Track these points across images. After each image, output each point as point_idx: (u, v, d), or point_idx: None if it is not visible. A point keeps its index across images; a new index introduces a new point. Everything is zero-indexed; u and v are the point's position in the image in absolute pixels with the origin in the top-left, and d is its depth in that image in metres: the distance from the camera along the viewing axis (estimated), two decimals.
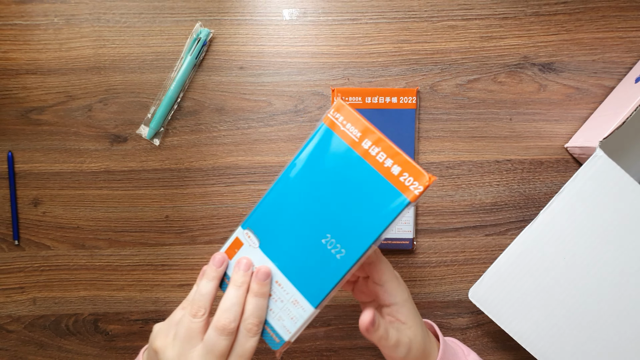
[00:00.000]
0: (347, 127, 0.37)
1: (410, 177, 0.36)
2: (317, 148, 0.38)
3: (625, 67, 0.58)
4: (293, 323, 0.38)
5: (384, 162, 0.36)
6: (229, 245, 0.40)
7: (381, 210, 0.36)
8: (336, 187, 0.37)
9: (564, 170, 0.59)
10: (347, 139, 0.37)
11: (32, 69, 0.58)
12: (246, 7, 0.58)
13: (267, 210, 0.39)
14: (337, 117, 0.38)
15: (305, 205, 0.38)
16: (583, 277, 0.51)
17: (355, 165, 0.37)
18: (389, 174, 0.36)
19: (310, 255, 0.38)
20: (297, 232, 0.38)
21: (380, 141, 0.37)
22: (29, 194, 0.59)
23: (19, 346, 0.59)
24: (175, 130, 0.58)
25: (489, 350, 0.59)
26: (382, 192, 0.36)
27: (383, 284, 0.40)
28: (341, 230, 0.37)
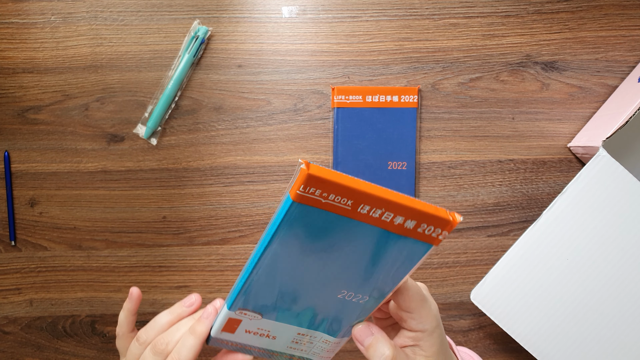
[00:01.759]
0: (331, 198, 0.28)
1: (430, 226, 0.29)
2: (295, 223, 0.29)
3: (629, 65, 0.57)
4: (329, 353, 0.37)
5: (393, 220, 0.29)
6: (224, 325, 0.35)
7: (400, 260, 0.31)
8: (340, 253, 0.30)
9: (566, 170, 0.58)
10: (337, 210, 0.29)
11: (29, 68, 0.57)
12: (245, 4, 0.57)
13: (257, 288, 0.33)
14: (311, 192, 0.27)
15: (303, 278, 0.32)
16: (586, 278, 0.51)
17: (357, 231, 0.29)
18: (403, 230, 0.30)
19: (330, 308, 0.33)
20: (304, 299, 0.33)
21: (380, 202, 0.28)
22: (25, 194, 0.58)
23: (15, 348, 0.59)
24: (172, 129, 0.58)
25: (491, 352, 0.59)
26: (399, 246, 0.30)
27: (412, 311, 0.35)
28: (358, 285, 0.32)
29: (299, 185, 0.27)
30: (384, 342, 0.34)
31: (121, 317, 0.42)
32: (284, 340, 0.36)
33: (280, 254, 0.30)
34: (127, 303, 0.42)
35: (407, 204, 0.28)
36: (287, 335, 0.36)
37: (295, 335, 0.35)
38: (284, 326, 0.35)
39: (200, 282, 0.58)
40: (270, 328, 0.35)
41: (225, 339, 0.36)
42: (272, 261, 0.31)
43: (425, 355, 0.35)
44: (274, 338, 0.36)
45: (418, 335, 0.35)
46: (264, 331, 0.35)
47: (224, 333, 0.35)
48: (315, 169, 0.27)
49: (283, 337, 0.36)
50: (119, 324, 0.42)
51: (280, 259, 0.31)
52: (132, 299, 0.42)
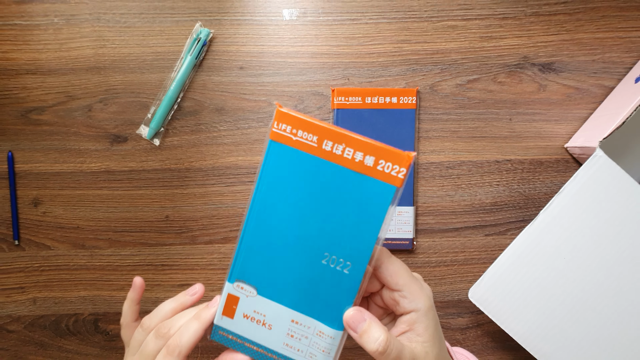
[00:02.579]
0: (300, 134, 0.33)
1: (387, 162, 0.32)
2: (275, 169, 0.33)
3: (625, 67, 0.58)
4: (326, 355, 0.35)
5: (354, 157, 0.33)
6: (224, 305, 0.36)
7: (371, 207, 0.33)
8: (315, 201, 0.33)
9: (564, 171, 0.59)
10: (304, 147, 0.33)
11: (32, 69, 0.58)
12: (246, 7, 0.58)
13: (249, 254, 0.35)
14: (283, 129, 0.33)
15: (289, 233, 0.34)
16: (583, 277, 0.51)
17: (325, 172, 0.33)
18: (364, 168, 0.33)
19: (317, 281, 0.34)
20: (292, 264, 0.34)
21: (341, 137, 0.32)
22: (29, 194, 0.59)
23: (19, 346, 0.59)
24: (175, 130, 0.58)
25: (488, 350, 0.59)
26: (364, 188, 0.33)
27: (401, 288, 0.35)
28: (338, 244, 0.34)
29: (274, 122, 0.33)
30: (377, 327, 0.33)
31: (125, 307, 0.43)
32: (279, 331, 0.36)
33: (267, 210, 0.34)
34: (130, 292, 0.43)
35: (363, 140, 0.33)
36: (282, 323, 0.36)
37: (289, 324, 0.35)
38: (277, 308, 0.35)
39: (202, 281, 0.59)
40: (265, 311, 0.35)
41: (226, 328, 0.37)
42: (261, 211, 0.34)
43: (422, 340, 0.34)
44: (270, 327, 0.36)
45: (412, 317, 0.34)
46: (260, 316, 0.36)
47: (225, 319, 0.36)
48: (286, 109, 0.33)
49: (278, 327, 0.36)
50: (123, 313, 0.43)
51: (268, 216, 0.34)
52: (135, 288, 0.43)
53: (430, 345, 0.34)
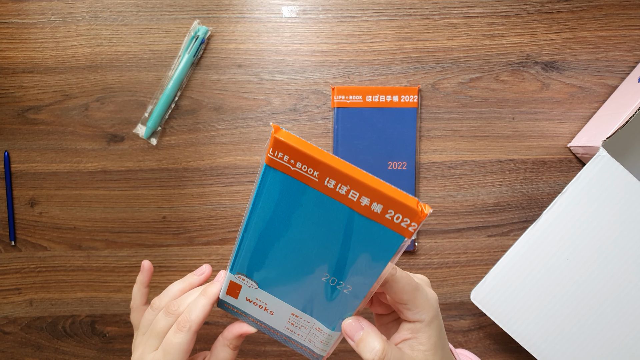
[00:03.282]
0: (299, 166, 0.28)
1: (397, 213, 0.28)
2: (272, 193, 0.30)
3: (629, 65, 0.57)
4: (324, 345, 0.37)
5: (359, 200, 0.28)
6: (227, 287, 0.37)
7: (376, 250, 0.30)
8: (315, 231, 0.30)
9: (567, 170, 0.58)
10: (304, 180, 0.29)
11: (29, 68, 0.57)
12: (245, 4, 0.57)
13: (250, 255, 0.33)
14: (280, 157, 0.28)
15: (288, 252, 0.32)
16: (586, 278, 0.51)
17: (327, 207, 0.29)
18: (370, 213, 0.29)
19: (317, 292, 0.33)
20: (292, 274, 0.33)
21: (345, 178, 0.28)
22: (25, 194, 0.58)
23: (15, 348, 0.58)
24: (172, 129, 0.58)
25: (491, 352, 0.59)
26: (369, 230, 0.29)
27: (406, 303, 0.34)
28: (339, 271, 0.32)
29: (268, 149, 0.28)
30: (374, 336, 0.33)
31: (134, 290, 0.44)
32: (280, 318, 0.36)
33: (263, 219, 0.31)
34: (139, 276, 0.45)
35: (371, 185, 0.28)
36: (282, 313, 0.36)
37: (290, 315, 0.36)
38: (278, 302, 0.35)
39: None
40: (266, 301, 0.36)
41: (231, 304, 0.38)
42: (257, 227, 0.32)
43: (424, 349, 0.34)
44: (272, 313, 0.36)
45: (416, 326, 0.34)
46: (262, 303, 0.36)
47: (229, 297, 0.37)
48: (284, 134, 0.28)
49: (279, 315, 0.36)
50: (133, 296, 0.44)
51: (265, 224, 0.31)
52: (144, 271, 0.45)
53: (432, 354, 0.34)
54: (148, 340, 0.38)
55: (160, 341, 0.38)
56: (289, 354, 0.59)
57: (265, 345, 0.58)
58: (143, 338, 0.39)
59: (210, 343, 0.41)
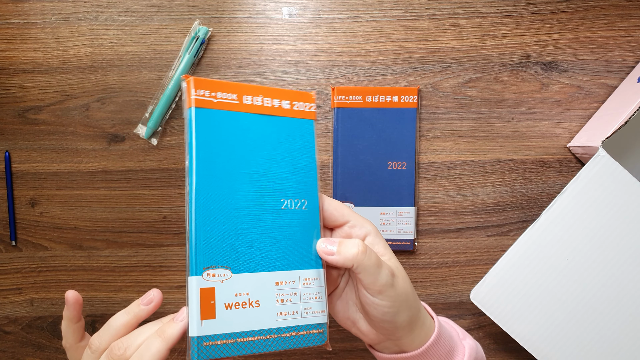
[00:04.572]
0: (220, 96, 0.35)
1: (300, 102, 0.37)
2: (205, 134, 0.34)
3: (628, 66, 0.57)
4: (320, 302, 0.36)
5: (272, 104, 0.36)
6: (200, 305, 0.32)
7: (302, 143, 0.37)
8: (253, 155, 0.35)
9: (566, 170, 0.58)
10: (227, 107, 0.35)
11: (30, 68, 0.57)
12: (245, 4, 0.58)
13: (209, 235, 0.32)
14: (202, 94, 0.34)
15: (242, 194, 0.34)
16: (586, 278, 0.51)
17: (253, 124, 0.36)
18: (284, 111, 0.37)
19: (283, 230, 0.35)
20: (255, 223, 0.34)
21: (257, 90, 0.36)
22: (26, 194, 0.58)
23: (16, 347, 0.59)
24: (173, 129, 0.58)
25: (490, 352, 0.59)
26: (290, 129, 0.37)
27: (348, 218, 0.37)
28: (289, 186, 0.36)
29: (190, 90, 0.34)
30: (348, 239, 0.35)
31: (63, 328, 0.36)
32: (268, 304, 0.34)
33: (208, 173, 0.34)
34: (65, 310, 0.36)
35: (275, 89, 0.37)
36: (268, 293, 0.34)
37: (275, 288, 0.34)
38: (258, 278, 0.34)
39: None
40: (247, 289, 0.33)
41: (211, 334, 0.32)
42: (205, 184, 0.33)
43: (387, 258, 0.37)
44: (258, 304, 0.33)
45: (368, 241, 0.37)
46: (244, 297, 0.33)
47: (206, 323, 0.31)
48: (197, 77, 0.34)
49: (266, 299, 0.34)
50: (63, 336, 0.37)
51: (211, 178, 0.34)
52: (68, 305, 0.36)
53: (396, 261, 0.37)
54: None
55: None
56: (289, 354, 0.59)
57: None
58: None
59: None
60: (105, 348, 0.32)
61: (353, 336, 0.59)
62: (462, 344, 0.40)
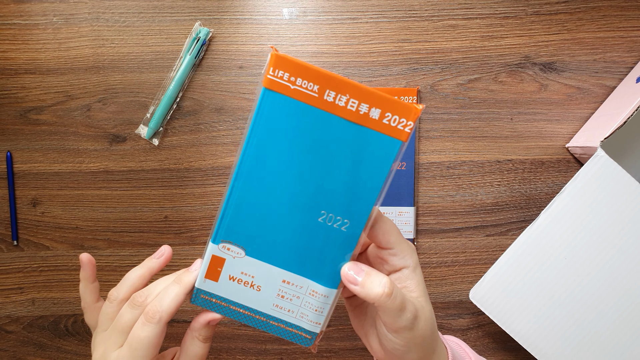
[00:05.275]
0: (299, 83, 0.30)
1: (394, 115, 0.30)
2: (270, 120, 0.30)
3: (627, 66, 0.58)
4: (319, 315, 0.34)
5: (358, 108, 0.30)
6: (208, 267, 0.33)
7: (374, 163, 0.31)
8: (313, 156, 0.31)
9: (565, 171, 0.58)
10: (303, 98, 0.30)
11: (31, 69, 0.58)
12: (246, 6, 0.58)
13: (238, 212, 0.32)
14: (280, 76, 0.30)
15: (283, 189, 0.32)
16: (584, 278, 0.51)
17: (325, 125, 0.30)
18: (368, 121, 0.30)
19: (311, 239, 0.33)
20: (285, 221, 0.32)
21: (346, 86, 0.30)
22: (27, 194, 0.58)
23: (18, 347, 0.59)
24: (174, 130, 0.58)
25: (489, 351, 0.59)
26: (367, 143, 0.31)
27: (392, 246, 0.34)
28: (337, 201, 0.32)
29: (269, 69, 0.29)
30: (377, 273, 0.32)
31: (81, 289, 0.39)
32: (269, 293, 0.34)
33: (260, 155, 0.31)
34: (81, 272, 0.39)
35: (371, 90, 0.30)
36: (272, 284, 0.34)
37: (280, 284, 0.34)
38: (268, 269, 0.33)
39: None
40: (254, 272, 0.33)
41: (209, 292, 0.34)
42: (252, 166, 0.31)
43: (416, 295, 0.34)
44: (259, 289, 0.34)
45: (403, 274, 0.34)
46: (248, 278, 0.34)
47: (208, 282, 0.34)
48: (283, 54, 0.29)
49: (268, 288, 0.34)
50: (81, 296, 0.39)
51: (260, 163, 0.31)
52: (84, 266, 0.39)
53: (424, 300, 0.34)
54: (111, 337, 0.34)
55: (125, 336, 0.33)
56: (289, 352, 0.59)
57: (266, 344, 0.59)
58: (104, 335, 0.35)
59: (180, 342, 0.39)
60: (124, 298, 0.35)
61: (353, 335, 0.59)
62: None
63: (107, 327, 0.35)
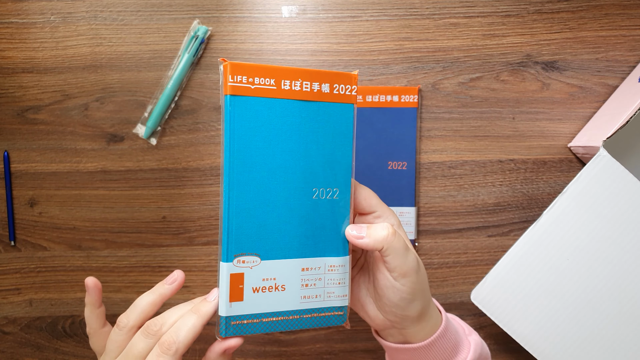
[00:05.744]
0: (257, 81, 0.33)
1: (341, 84, 0.35)
2: (242, 123, 0.33)
3: (629, 65, 0.57)
4: (342, 286, 0.37)
5: (312, 88, 0.35)
6: (229, 289, 0.34)
7: (339, 129, 0.36)
8: (289, 142, 0.34)
9: (567, 170, 0.58)
10: (265, 93, 0.34)
11: (29, 68, 0.57)
12: (244, 4, 0.57)
13: (241, 223, 0.34)
14: (239, 80, 0.33)
15: (275, 183, 0.34)
16: (587, 278, 0.51)
17: (290, 110, 0.34)
18: (323, 95, 0.35)
19: (313, 219, 0.36)
20: (285, 213, 0.35)
21: (295, 73, 0.34)
22: (25, 194, 0.58)
23: (15, 348, 0.58)
24: (172, 129, 0.58)
25: (491, 352, 0.59)
26: (329, 114, 0.35)
27: (375, 209, 0.37)
28: (322, 174, 0.35)
29: (227, 77, 0.33)
30: (377, 224, 0.35)
31: (86, 314, 0.38)
32: (293, 288, 0.36)
33: (244, 161, 0.34)
34: (86, 297, 0.38)
35: (316, 70, 0.35)
36: (294, 278, 0.36)
37: (300, 274, 0.36)
38: (285, 264, 0.35)
39: (200, 283, 0.58)
40: (274, 273, 0.35)
41: (239, 314, 0.34)
42: (240, 173, 0.34)
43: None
44: (284, 288, 0.35)
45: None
46: (271, 282, 0.35)
47: (235, 305, 0.34)
48: (234, 62, 0.33)
49: (292, 283, 0.36)
50: (87, 322, 0.38)
51: (246, 167, 0.34)
52: (89, 291, 0.38)
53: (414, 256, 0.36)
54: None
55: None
56: (289, 354, 0.59)
57: (265, 346, 0.58)
58: None
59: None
60: (135, 325, 0.34)
61: (353, 337, 0.59)
62: (467, 340, 0.41)
63: (116, 355, 0.34)
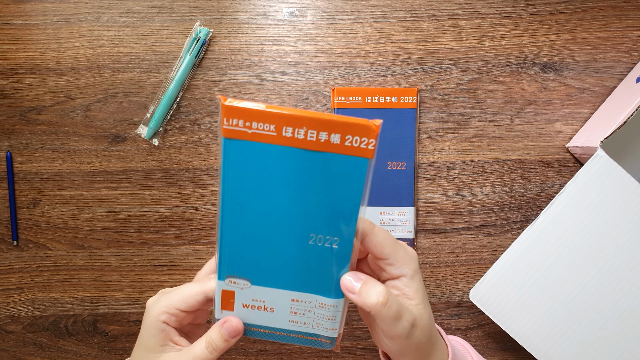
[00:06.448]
0: (255, 126, 0.30)
1: (355, 136, 0.30)
2: (237, 165, 0.31)
3: (627, 66, 0.58)
4: (333, 322, 0.35)
5: (318, 137, 0.30)
6: (221, 300, 0.35)
7: (348, 183, 0.31)
8: (288, 188, 0.32)
9: (565, 171, 0.58)
10: (263, 139, 0.30)
11: (31, 69, 0.58)
12: (246, 6, 0.58)
13: (233, 250, 0.34)
14: (235, 124, 0.30)
15: (269, 223, 0.33)
16: (584, 278, 0.51)
17: (292, 158, 0.31)
18: (331, 146, 0.30)
19: (307, 260, 0.34)
20: (279, 250, 0.33)
21: (299, 120, 0.30)
22: (27, 194, 0.58)
23: (18, 347, 0.59)
24: (174, 130, 0.58)
25: (490, 351, 0.59)
26: (337, 166, 0.31)
27: (387, 257, 0.34)
28: (322, 223, 0.32)
29: (223, 119, 0.30)
30: (374, 282, 0.33)
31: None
32: (282, 312, 0.36)
33: (238, 197, 0.32)
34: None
35: (324, 118, 0.30)
36: (283, 304, 0.35)
37: (290, 302, 0.35)
38: (275, 292, 0.35)
39: None
40: (264, 298, 0.35)
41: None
42: (234, 208, 0.32)
43: (415, 303, 0.34)
44: (272, 310, 0.35)
45: (401, 282, 0.34)
46: (260, 303, 0.35)
47: (225, 312, 0.36)
48: (233, 101, 0.30)
49: (280, 308, 0.35)
50: None
51: (241, 202, 0.32)
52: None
53: (423, 307, 0.35)
54: None
55: None
56: (289, 352, 0.59)
57: (266, 344, 0.59)
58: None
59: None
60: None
61: (353, 335, 0.59)
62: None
63: None
